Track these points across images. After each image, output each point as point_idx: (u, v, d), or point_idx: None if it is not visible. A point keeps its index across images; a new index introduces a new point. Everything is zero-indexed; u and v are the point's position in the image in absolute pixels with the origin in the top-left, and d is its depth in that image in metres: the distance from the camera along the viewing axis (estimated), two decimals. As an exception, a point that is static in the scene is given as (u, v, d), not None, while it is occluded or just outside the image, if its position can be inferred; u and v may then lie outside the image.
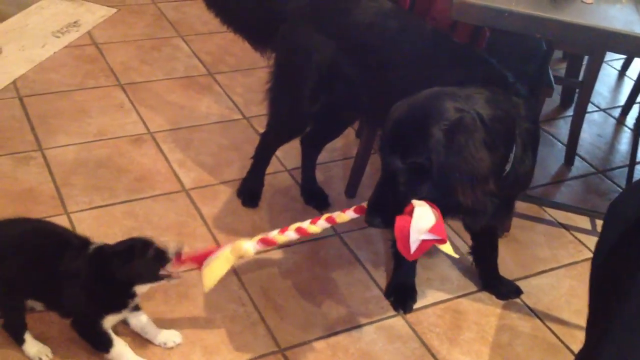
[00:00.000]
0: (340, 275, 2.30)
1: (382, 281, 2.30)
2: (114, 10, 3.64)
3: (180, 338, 1.98)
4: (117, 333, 1.89)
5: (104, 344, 1.84)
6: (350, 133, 2.91)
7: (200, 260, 1.81)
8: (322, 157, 2.65)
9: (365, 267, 2.34)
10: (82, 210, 2.39)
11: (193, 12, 3.75)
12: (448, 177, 1.67)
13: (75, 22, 3.47)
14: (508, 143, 1.76)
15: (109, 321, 1.84)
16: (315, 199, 2.57)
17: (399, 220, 1.65)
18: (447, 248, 1.70)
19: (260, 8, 2.37)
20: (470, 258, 2.33)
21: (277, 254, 2.33)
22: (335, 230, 2.45)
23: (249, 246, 1.80)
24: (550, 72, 2.54)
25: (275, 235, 1.82)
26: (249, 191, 2.53)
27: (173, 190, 2.54)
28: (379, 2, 2.17)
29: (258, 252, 1.84)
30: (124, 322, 1.95)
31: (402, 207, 1.68)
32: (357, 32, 2.12)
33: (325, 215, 1.84)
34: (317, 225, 1.83)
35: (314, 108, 2.26)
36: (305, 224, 1.83)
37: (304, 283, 2.25)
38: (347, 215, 1.83)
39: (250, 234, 2.35)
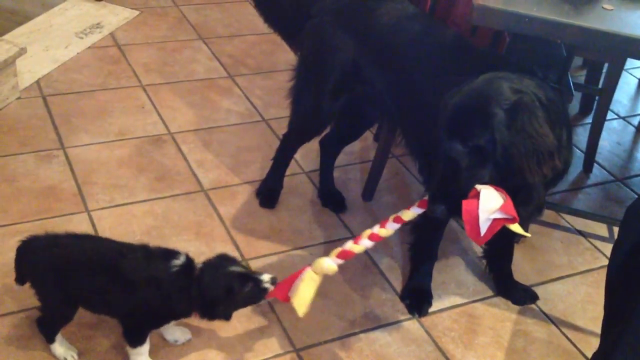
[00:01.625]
0: (356, 277, 2.31)
1: (398, 284, 2.31)
2: (137, 12, 3.69)
3: (190, 335, 2.00)
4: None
5: (141, 342, 1.86)
6: (368, 136, 2.93)
7: (286, 288, 1.83)
8: (340, 160, 2.66)
9: (381, 269, 2.35)
10: (102, 209, 2.42)
11: (214, 15, 3.79)
12: (513, 156, 1.68)
13: (98, 24, 3.52)
14: (562, 124, 1.78)
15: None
16: (333, 201, 2.58)
17: (466, 204, 1.66)
18: (517, 227, 1.70)
19: (295, 6, 2.39)
20: (483, 262, 2.33)
21: (293, 255, 2.35)
22: (352, 232, 2.47)
23: (330, 262, 1.83)
24: (570, 79, 2.53)
25: (351, 246, 1.85)
26: (268, 192, 2.55)
27: (192, 190, 2.57)
28: (402, 5, 2.19)
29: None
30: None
31: (466, 192, 1.69)
32: (380, 33, 2.14)
33: (392, 216, 1.85)
34: (387, 228, 1.85)
35: (335, 107, 2.29)
36: (376, 229, 1.85)
37: (320, 284, 2.25)
38: (412, 211, 1.85)
39: (267, 235, 2.40)
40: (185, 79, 3.22)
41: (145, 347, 1.87)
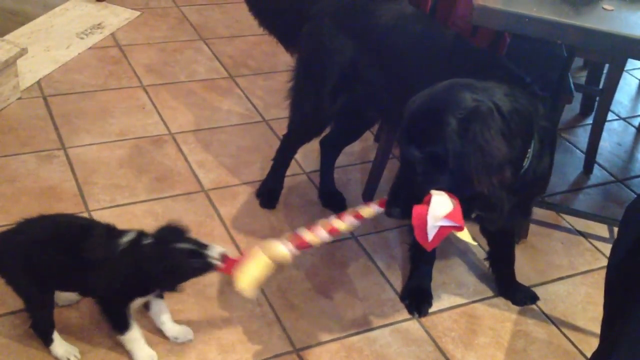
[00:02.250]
0: (356, 277, 2.32)
1: (398, 284, 2.31)
2: (138, 13, 3.69)
3: (192, 335, 2.01)
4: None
5: (124, 326, 1.87)
6: (368, 137, 2.93)
7: (235, 264, 1.79)
8: (340, 160, 2.67)
9: (381, 270, 2.35)
10: (103, 209, 2.43)
11: (215, 16, 3.79)
12: (464, 165, 1.68)
13: (99, 24, 3.52)
14: (526, 137, 1.76)
15: (135, 303, 1.88)
16: (333, 202, 2.58)
17: (417, 209, 1.67)
18: (465, 235, 1.71)
19: (292, 9, 2.39)
20: (487, 264, 2.33)
21: (294, 256, 2.34)
22: (352, 233, 2.47)
23: (281, 247, 1.78)
24: (571, 79, 2.54)
25: (306, 234, 1.80)
26: (268, 192, 2.55)
27: (192, 191, 2.57)
28: (401, 6, 2.19)
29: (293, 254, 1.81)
30: (145, 307, 1.98)
31: (420, 197, 1.69)
32: (379, 34, 2.14)
33: (351, 211, 1.84)
34: (346, 223, 1.83)
35: (334, 107, 2.29)
36: (335, 222, 1.83)
37: (320, 285, 2.27)
38: (371, 208, 1.83)
39: (267, 235, 2.40)
40: (186, 80, 3.22)
41: (136, 333, 1.88)
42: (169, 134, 2.85)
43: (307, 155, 2.75)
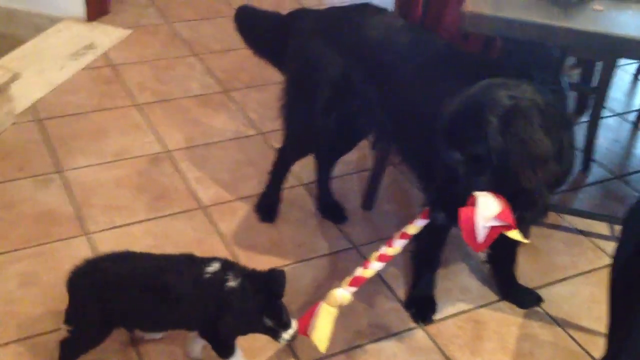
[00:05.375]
0: (360, 287, 2.30)
1: (402, 293, 2.30)
2: (129, 31, 3.70)
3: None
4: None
5: (231, 352, 1.88)
6: (365, 145, 2.92)
7: (304, 324, 1.83)
8: (338, 169, 2.67)
9: (384, 279, 2.35)
10: (102, 231, 2.42)
11: (207, 31, 3.80)
12: (508, 162, 1.68)
13: (91, 44, 3.53)
14: (561, 129, 1.77)
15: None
16: (332, 213, 2.58)
17: (464, 211, 1.67)
18: (516, 234, 1.70)
19: (279, 30, 2.38)
20: (487, 267, 2.33)
21: (296, 268, 2.35)
22: (353, 243, 2.46)
23: (343, 292, 1.83)
24: (565, 78, 2.54)
25: (362, 271, 1.86)
26: (266, 206, 2.55)
27: (191, 208, 2.57)
28: (389, 18, 2.19)
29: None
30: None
31: (464, 199, 1.69)
32: (368, 48, 2.13)
33: (398, 233, 1.86)
34: (395, 246, 1.85)
35: (327, 123, 2.27)
36: (384, 250, 1.86)
37: (323, 296, 2.25)
38: (416, 224, 1.85)
39: (268, 249, 2.40)
40: (180, 96, 3.22)
41: (237, 356, 1.89)
42: (165, 152, 2.84)
43: (304, 167, 2.74)
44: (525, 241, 1.80)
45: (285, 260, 2.37)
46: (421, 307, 2.23)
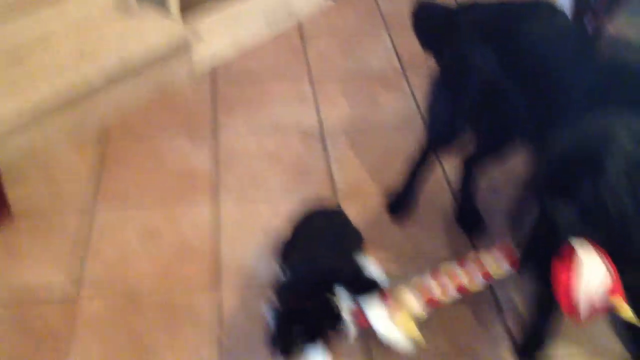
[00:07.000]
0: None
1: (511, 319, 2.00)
2: (330, 1, 3.65)
3: None
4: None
5: None
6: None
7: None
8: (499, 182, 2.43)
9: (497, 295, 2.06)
10: (232, 201, 2.45)
11: (407, 8, 3.60)
12: (630, 227, 1.36)
13: (288, 11, 3.52)
14: None
15: None
16: (468, 221, 2.36)
17: (560, 272, 1.38)
18: (626, 311, 1.37)
19: (447, 25, 2.18)
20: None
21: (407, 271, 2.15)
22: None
23: (419, 311, 1.67)
24: None
25: (439, 296, 1.68)
26: (396, 199, 2.41)
27: (324, 194, 2.48)
28: (552, 20, 1.90)
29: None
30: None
31: (557, 248, 1.41)
32: (528, 53, 1.88)
33: (481, 271, 1.67)
34: (475, 282, 1.67)
35: (468, 122, 2.10)
36: (465, 280, 1.67)
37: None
38: (503, 268, 1.64)
39: (387, 247, 2.26)
40: (357, 74, 3.12)
41: None
42: (319, 129, 2.78)
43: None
44: (637, 322, 1.42)
45: (400, 261, 2.22)
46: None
